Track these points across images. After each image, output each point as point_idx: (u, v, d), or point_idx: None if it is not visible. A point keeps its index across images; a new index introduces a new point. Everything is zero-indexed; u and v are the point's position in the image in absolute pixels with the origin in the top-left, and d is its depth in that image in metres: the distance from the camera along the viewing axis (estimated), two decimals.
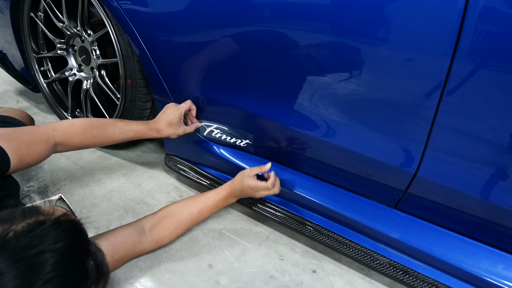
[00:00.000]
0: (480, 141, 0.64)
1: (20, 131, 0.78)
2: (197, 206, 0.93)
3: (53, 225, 0.53)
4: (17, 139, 0.76)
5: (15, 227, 0.50)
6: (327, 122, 0.80)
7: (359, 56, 0.68)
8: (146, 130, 0.99)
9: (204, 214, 0.94)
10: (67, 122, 0.88)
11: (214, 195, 0.94)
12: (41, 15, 1.31)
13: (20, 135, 0.77)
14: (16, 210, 0.55)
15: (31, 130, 0.81)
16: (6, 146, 0.72)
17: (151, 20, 0.92)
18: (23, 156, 0.76)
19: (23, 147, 0.76)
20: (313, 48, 0.72)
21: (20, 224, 0.51)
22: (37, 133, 0.80)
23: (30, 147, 0.77)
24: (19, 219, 0.52)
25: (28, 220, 0.52)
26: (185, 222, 0.92)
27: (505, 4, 0.52)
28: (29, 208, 0.57)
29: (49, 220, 0.54)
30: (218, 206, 0.95)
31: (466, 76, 0.59)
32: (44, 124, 0.84)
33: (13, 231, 0.49)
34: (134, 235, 0.85)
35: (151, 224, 0.89)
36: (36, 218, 0.53)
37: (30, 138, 0.78)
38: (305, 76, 0.77)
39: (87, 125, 0.90)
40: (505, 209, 0.67)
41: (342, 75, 0.72)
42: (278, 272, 0.92)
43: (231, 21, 0.80)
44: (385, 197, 0.86)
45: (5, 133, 0.75)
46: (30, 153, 0.78)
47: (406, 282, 0.82)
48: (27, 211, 0.55)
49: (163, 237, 0.90)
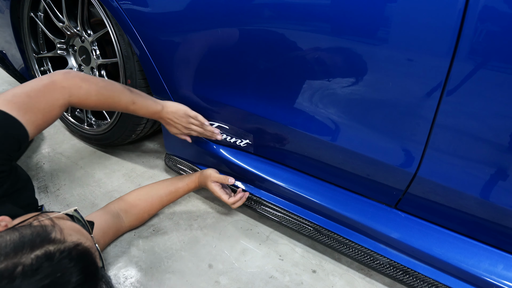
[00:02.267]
0: (480, 141, 0.64)
1: (36, 97, 0.73)
2: (167, 195, 1.04)
3: (63, 260, 0.52)
4: (34, 108, 0.72)
5: (24, 259, 0.49)
6: (327, 122, 0.80)
7: (359, 56, 0.68)
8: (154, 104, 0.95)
9: (171, 201, 1.06)
10: (84, 91, 0.80)
11: (183, 186, 1.05)
12: (41, 15, 1.31)
13: (36, 103, 0.73)
14: (25, 235, 0.53)
15: (48, 96, 0.75)
16: (24, 118, 0.69)
17: (151, 20, 0.92)
18: (40, 125, 0.74)
19: (40, 116, 0.73)
20: (313, 48, 0.72)
21: (29, 256, 0.50)
22: (53, 98, 0.75)
23: (46, 115, 0.74)
24: (27, 249, 0.51)
25: (37, 251, 0.51)
26: (156, 209, 1.04)
27: (505, 4, 0.52)
28: (39, 234, 0.55)
29: (59, 252, 0.53)
30: (185, 194, 1.08)
31: (466, 76, 0.59)
32: (61, 87, 0.77)
33: (21, 266, 0.49)
34: (116, 221, 0.95)
35: (125, 211, 0.98)
36: (46, 250, 0.52)
37: (46, 106, 0.74)
38: (305, 76, 0.77)
39: (103, 97, 0.83)
40: (505, 209, 0.67)
41: (342, 75, 0.72)
42: (278, 272, 0.92)
43: (231, 21, 0.80)
44: (385, 197, 0.86)
45: (22, 102, 0.70)
46: (46, 120, 0.75)
47: (406, 282, 0.82)
48: (36, 239, 0.53)
49: (138, 223, 1.02)
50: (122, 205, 0.98)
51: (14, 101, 0.69)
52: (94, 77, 0.83)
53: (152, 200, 1.01)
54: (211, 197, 1.17)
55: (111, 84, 0.86)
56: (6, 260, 0.49)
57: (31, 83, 0.75)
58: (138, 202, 1.00)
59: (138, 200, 1.00)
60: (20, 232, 0.54)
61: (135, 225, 1.01)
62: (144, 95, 0.92)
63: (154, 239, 1.00)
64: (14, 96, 0.70)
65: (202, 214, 1.10)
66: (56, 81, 0.76)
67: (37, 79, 0.76)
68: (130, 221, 0.99)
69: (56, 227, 0.59)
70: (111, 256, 0.93)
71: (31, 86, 0.74)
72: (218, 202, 1.15)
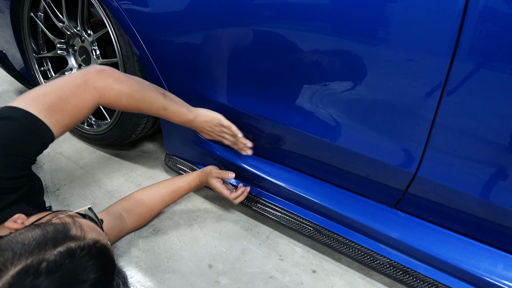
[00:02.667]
0: (480, 141, 0.64)
1: (66, 98, 0.70)
2: (169, 195, 1.03)
3: (84, 257, 0.53)
4: (62, 110, 0.69)
5: (48, 256, 0.50)
6: (327, 122, 0.80)
7: (359, 56, 0.68)
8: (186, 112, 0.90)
9: (173, 200, 1.06)
10: (115, 94, 0.76)
11: (184, 185, 1.05)
12: (41, 15, 1.31)
13: (65, 104, 0.70)
14: (47, 232, 0.54)
15: (77, 97, 0.72)
16: (51, 120, 0.67)
17: (151, 20, 0.92)
18: (66, 126, 0.72)
19: (67, 118, 0.71)
20: (313, 48, 0.72)
21: (52, 253, 0.51)
22: (83, 100, 0.73)
23: (74, 117, 0.72)
24: (50, 247, 0.52)
25: (59, 247, 0.52)
26: (158, 209, 1.04)
27: (505, 4, 0.52)
28: (60, 231, 0.56)
29: (80, 249, 0.54)
30: (187, 193, 1.08)
31: (466, 76, 0.59)
32: (93, 87, 0.73)
33: (45, 262, 0.49)
34: (119, 222, 0.94)
35: (127, 211, 0.97)
36: (67, 246, 0.53)
37: (75, 107, 0.72)
38: (305, 76, 0.77)
39: (133, 100, 0.80)
40: (505, 209, 0.67)
41: (342, 75, 0.72)
42: (278, 272, 0.92)
43: (231, 21, 0.80)
44: (385, 197, 0.86)
45: (50, 103, 0.68)
46: (74, 121, 0.73)
47: (406, 282, 0.82)
48: (58, 235, 0.54)
49: (140, 223, 1.02)
50: (125, 206, 0.98)
51: (43, 101, 0.67)
52: (129, 78, 0.79)
53: (154, 200, 1.01)
54: (211, 197, 1.17)
55: (145, 87, 0.81)
56: (31, 256, 0.50)
57: (64, 81, 0.72)
58: (140, 202, 1.00)
59: (140, 200, 1.00)
60: (42, 229, 0.55)
61: (137, 226, 1.01)
62: (178, 102, 0.89)
63: (154, 239, 1.00)
64: (44, 95, 0.68)
65: (202, 214, 1.10)
66: (89, 81, 0.73)
67: (71, 76, 0.73)
68: (133, 222, 0.98)
69: (76, 224, 0.59)
70: None
71: (62, 85, 0.71)
72: (218, 202, 1.15)
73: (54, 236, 0.54)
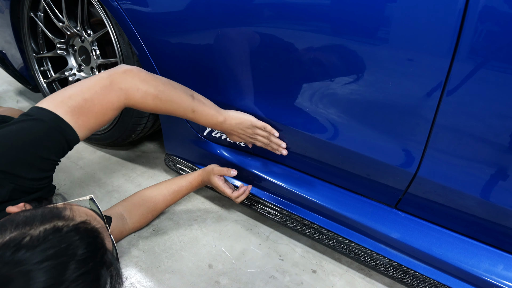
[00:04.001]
0: (480, 141, 0.64)
1: (91, 100, 0.70)
2: (171, 194, 1.03)
3: (70, 232, 0.53)
4: (88, 112, 0.70)
5: (32, 231, 0.51)
6: (327, 122, 0.80)
7: (359, 56, 0.68)
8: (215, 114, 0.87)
9: (175, 200, 1.05)
10: (141, 95, 0.75)
11: (186, 184, 1.04)
12: (41, 15, 1.31)
13: (91, 106, 0.70)
14: (37, 212, 0.55)
15: (103, 99, 0.72)
16: (76, 123, 0.68)
17: (151, 20, 0.92)
18: (92, 129, 0.73)
19: (92, 120, 0.71)
20: (312, 48, 0.72)
21: (38, 229, 0.51)
22: (108, 101, 0.72)
23: (99, 118, 0.73)
24: (37, 223, 0.52)
25: (46, 225, 0.52)
26: (160, 209, 1.03)
27: (505, 4, 0.52)
28: (51, 211, 0.56)
29: (67, 227, 0.54)
30: (189, 193, 1.07)
31: (466, 76, 0.59)
32: (118, 88, 0.73)
33: (29, 236, 0.50)
34: (120, 223, 0.94)
35: (129, 212, 0.97)
36: (55, 224, 0.53)
37: (100, 109, 0.72)
38: (305, 76, 0.77)
39: (160, 102, 0.78)
40: (505, 209, 0.67)
41: (342, 75, 0.72)
42: (278, 272, 0.92)
43: (231, 21, 0.80)
44: (385, 197, 0.86)
45: (76, 105, 0.68)
46: (99, 123, 0.73)
47: (406, 282, 0.82)
48: (47, 214, 0.55)
49: (142, 224, 1.02)
50: (126, 206, 0.97)
51: (69, 104, 0.68)
52: (156, 79, 0.78)
53: (156, 200, 1.01)
54: (211, 197, 1.17)
55: (173, 88, 0.80)
56: (15, 231, 0.51)
57: (90, 82, 0.71)
58: (142, 202, 0.99)
59: (142, 200, 1.00)
60: (34, 210, 0.56)
61: (139, 226, 1.01)
62: (207, 103, 0.86)
63: (154, 239, 1.00)
64: (70, 98, 0.68)
65: (202, 214, 1.10)
66: (114, 82, 0.72)
67: (97, 76, 0.73)
68: (134, 223, 0.98)
69: (67, 208, 0.60)
70: None
71: (89, 86, 0.71)
72: (218, 202, 1.15)
73: (43, 215, 0.55)
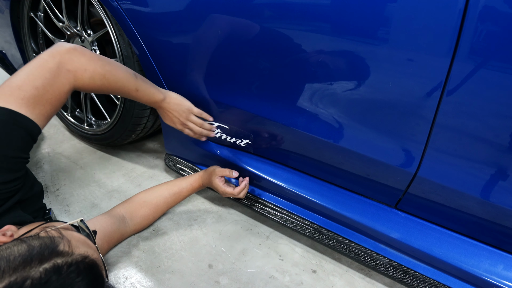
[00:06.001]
0: (480, 141, 0.64)
1: (43, 88, 0.69)
2: (172, 196, 1.03)
3: (71, 274, 0.52)
4: (41, 100, 0.69)
5: (33, 273, 0.49)
6: (327, 122, 0.80)
7: (359, 56, 0.68)
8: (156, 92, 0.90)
9: (176, 202, 1.06)
10: (89, 75, 0.75)
11: (187, 186, 1.04)
12: (41, 15, 1.31)
13: (44, 94, 0.69)
14: (33, 248, 0.53)
15: (53, 84, 0.71)
16: (33, 113, 0.67)
17: (151, 20, 0.92)
18: (49, 115, 0.72)
19: (48, 107, 0.71)
20: (313, 48, 0.72)
21: (37, 270, 0.50)
22: (59, 86, 0.71)
23: (54, 104, 0.72)
24: (36, 263, 0.51)
25: (45, 264, 0.51)
26: (161, 211, 1.04)
27: (505, 4, 0.52)
28: (47, 246, 0.55)
29: (67, 265, 0.53)
30: (189, 195, 1.07)
31: (466, 76, 0.59)
32: (66, 70, 0.72)
33: (30, 280, 0.48)
34: (121, 225, 0.94)
35: (130, 213, 0.97)
36: (54, 262, 0.52)
37: (53, 95, 0.71)
38: (305, 76, 0.77)
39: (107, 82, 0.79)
40: (505, 209, 0.67)
41: (342, 75, 0.72)
42: (278, 272, 0.92)
43: (231, 21, 0.80)
44: (385, 197, 0.86)
45: (29, 96, 0.67)
46: (55, 109, 0.73)
47: (406, 282, 0.82)
48: (45, 251, 0.53)
49: (143, 226, 1.01)
50: (127, 208, 0.97)
51: (21, 95, 0.66)
52: (101, 58, 0.78)
53: (157, 202, 1.01)
54: (211, 197, 1.17)
55: (117, 68, 0.81)
56: (15, 274, 0.49)
57: (35, 67, 0.69)
58: (143, 204, 0.99)
59: (143, 202, 1.00)
60: (28, 244, 0.54)
61: (140, 228, 1.00)
62: (148, 82, 0.88)
63: (154, 239, 1.00)
64: (20, 89, 0.67)
65: (202, 214, 1.10)
66: (61, 63, 0.71)
67: (41, 60, 0.71)
68: (135, 224, 0.98)
69: (64, 239, 0.58)
70: (111, 256, 0.93)
71: (35, 74, 0.69)
72: (218, 202, 1.15)
73: (40, 251, 0.53)
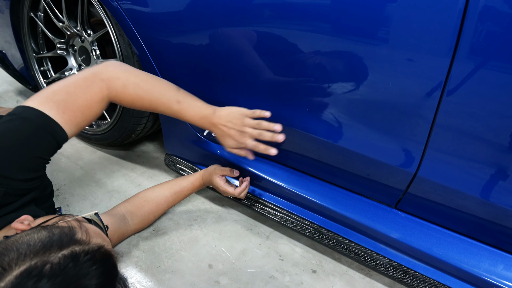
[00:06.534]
0: (480, 141, 0.64)
1: (75, 94, 0.69)
2: (172, 195, 1.02)
3: (88, 262, 0.53)
4: (72, 106, 0.69)
5: (52, 258, 0.50)
6: (327, 122, 0.80)
7: (359, 56, 0.68)
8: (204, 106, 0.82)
9: (177, 201, 1.05)
10: (122, 83, 0.74)
11: (188, 185, 1.04)
12: (41, 15, 1.31)
13: (75, 100, 0.69)
14: (53, 235, 0.54)
15: (85, 91, 0.71)
16: (62, 118, 0.67)
17: (151, 20, 0.92)
18: (79, 124, 0.71)
19: (78, 114, 0.70)
20: (312, 48, 0.72)
21: (56, 255, 0.51)
22: (91, 93, 0.71)
23: (85, 113, 0.71)
24: (55, 249, 0.52)
25: (64, 250, 0.52)
26: (162, 210, 1.03)
27: (505, 4, 0.52)
28: (66, 233, 0.56)
29: (84, 253, 0.54)
30: (190, 193, 1.06)
31: (466, 76, 0.59)
32: (100, 79, 0.72)
33: (49, 264, 0.49)
34: (122, 225, 0.93)
35: (131, 212, 0.97)
36: (72, 250, 0.53)
37: (84, 102, 0.71)
38: (305, 76, 0.77)
39: (141, 91, 0.75)
40: (505, 209, 0.67)
41: (342, 75, 0.72)
42: (278, 272, 0.92)
43: (231, 21, 0.80)
44: (385, 197, 0.86)
45: (61, 100, 0.67)
46: (86, 118, 0.72)
47: (406, 282, 0.82)
48: (64, 238, 0.55)
49: (144, 225, 1.01)
50: (128, 207, 0.97)
51: (54, 99, 0.67)
52: (139, 71, 0.76)
53: (158, 201, 1.01)
54: (211, 197, 1.17)
55: (155, 78, 0.77)
56: (35, 257, 0.50)
57: (74, 77, 0.70)
58: (144, 203, 0.99)
59: (144, 201, 0.99)
60: (48, 231, 0.55)
61: (140, 227, 1.00)
62: (193, 96, 0.81)
63: (154, 239, 1.00)
64: (54, 93, 0.67)
65: (202, 214, 1.10)
66: (96, 73, 0.72)
67: (82, 72, 0.72)
68: (136, 224, 0.98)
69: (82, 228, 0.60)
70: None
71: (72, 81, 0.70)
72: (218, 202, 1.15)
73: (60, 238, 0.54)
